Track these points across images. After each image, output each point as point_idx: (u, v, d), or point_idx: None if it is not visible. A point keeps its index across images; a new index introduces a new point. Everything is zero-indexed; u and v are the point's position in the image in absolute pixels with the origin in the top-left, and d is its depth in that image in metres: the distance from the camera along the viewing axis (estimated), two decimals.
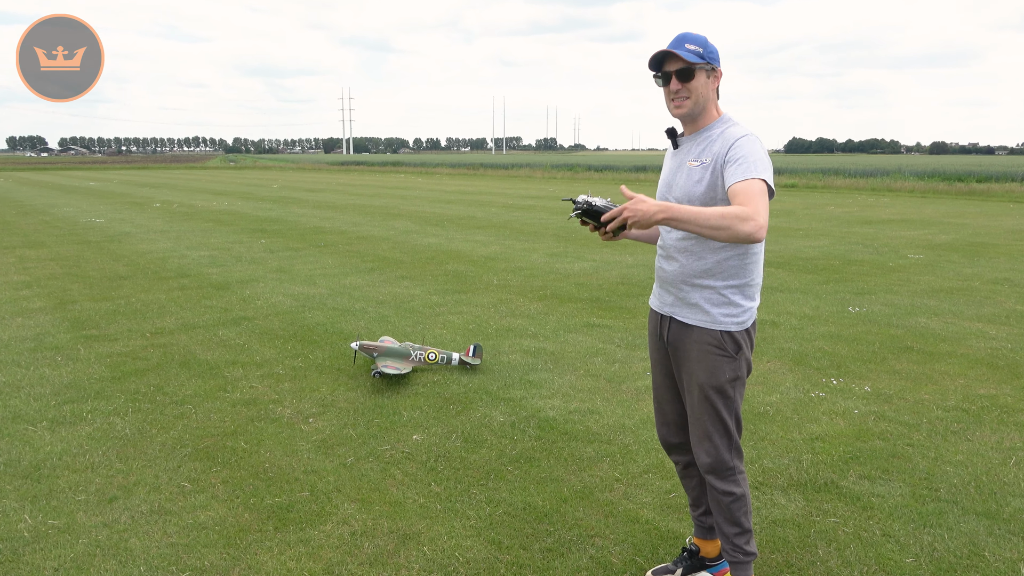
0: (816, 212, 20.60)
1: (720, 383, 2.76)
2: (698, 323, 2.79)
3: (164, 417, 4.92)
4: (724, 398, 2.78)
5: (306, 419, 4.89)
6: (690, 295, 2.79)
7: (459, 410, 5.05)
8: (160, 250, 12.96)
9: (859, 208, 22.10)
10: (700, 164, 2.70)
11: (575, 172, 49.70)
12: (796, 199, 26.08)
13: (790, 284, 9.56)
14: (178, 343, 6.76)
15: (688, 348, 2.83)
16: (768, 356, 6.31)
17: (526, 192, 31.15)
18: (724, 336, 2.75)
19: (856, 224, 17.26)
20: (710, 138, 2.72)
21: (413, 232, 15.85)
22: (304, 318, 7.71)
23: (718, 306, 2.75)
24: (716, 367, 2.76)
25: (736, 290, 2.75)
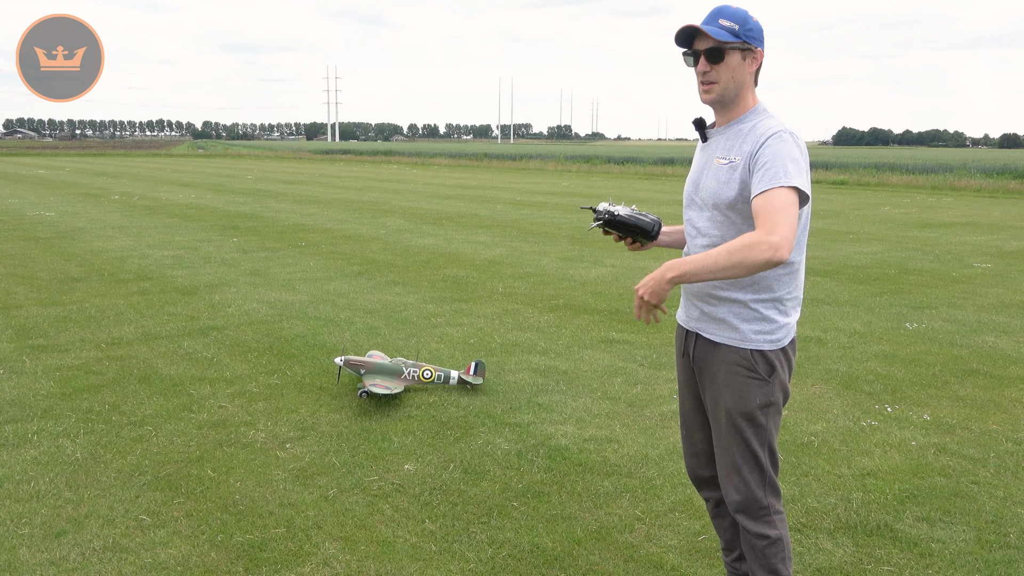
0: (869, 213, 20.57)
1: (750, 409, 2.76)
2: (726, 340, 2.79)
3: (120, 440, 4.92)
4: (755, 426, 2.78)
5: (282, 444, 4.89)
6: (717, 309, 2.79)
7: (458, 436, 5.05)
8: (118, 249, 13.01)
9: (918, 209, 22.06)
10: (728, 163, 2.69)
11: (592, 165, 49.77)
12: (846, 198, 26.06)
13: (838, 296, 9.54)
14: (137, 355, 6.78)
15: (714, 369, 2.83)
16: (813, 379, 6.29)
17: (536, 187, 31.19)
18: (755, 356, 2.74)
19: (914, 227, 17.24)
20: (740, 132, 2.71)
21: (407, 231, 15.88)
22: (281, 329, 7.73)
23: (748, 322, 2.75)
24: (745, 391, 2.75)
25: (769, 304, 2.74)
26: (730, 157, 2.68)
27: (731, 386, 2.77)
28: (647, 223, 2.90)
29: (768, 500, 2.84)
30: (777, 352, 2.76)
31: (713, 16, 2.69)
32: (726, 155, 2.70)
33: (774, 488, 2.85)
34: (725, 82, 2.68)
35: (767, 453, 2.82)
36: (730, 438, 2.81)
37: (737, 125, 2.73)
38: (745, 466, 2.81)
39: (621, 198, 23.46)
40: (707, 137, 2.86)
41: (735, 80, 2.68)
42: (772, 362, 2.75)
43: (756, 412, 2.76)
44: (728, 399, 2.78)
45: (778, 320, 2.75)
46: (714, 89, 2.70)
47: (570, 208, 21.15)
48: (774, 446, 2.84)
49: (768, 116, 2.70)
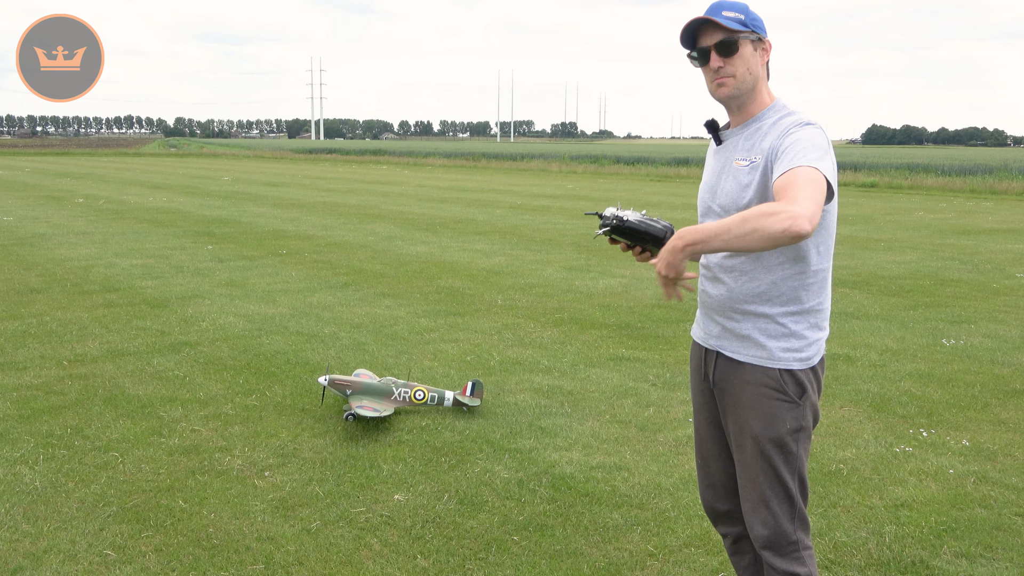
0: (901, 218, 20.61)
1: (780, 435, 2.75)
2: (751, 359, 2.78)
3: (84, 467, 4.91)
4: (785, 454, 2.77)
5: (261, 472, 4.88)
6: (741, 325, 2.79)
7: (453, 464, 5.04)
8: (82, 257, 13.02)
9: (955, 214, 22.10)
10: (749, 164, 2.69)
11: (600, 165, 49.87)
12: (876, 202, 26.10)
13: (869, 309, 9.55)
14: (102, 374, 6.78)
15: (738, 391, 2.82)
16: (841, 400, 6.29)
17: (539, 190, 31.25)
18: (784, 376, 2.74)
19: (951, 234, 17.26)
20: (760, 130, 2.72)
21: (397, 238, 15.90)
22: (260, 345, 7.73)
23: (776, 338, 2.74)
24: (775, 415, 2.75)
25: (799, 317, 2.74)
26: (750, 157, 2.69)
27: (758, 410, 2.76)
28: (659, 230, 2.88)
29: (797, 535, 2.83)
30: (807, 372, 2.76)
31: (715, 8, 2.71)
32: (746, 155, 2.71)
33: (804, 522, 2.84)
34: (741, 75, 2.70)
35: (797, 483, 2.81)
36: (757, 467, 2.79)
37: (756, 123, 2.75)
38: (774, 498, 2.80)
39: (632, 202, 23.50)
40: (722, 139, 2.87)
41: (751, 72, 2.71)
42: (802, 382, 2.75)
43: (786, 438, 2.75)
44: (756, 424, 2.77)
45: (808, 336, 2.75)
46: (730, 83, 2.71)
47: (575, 213, 21.17)
48: (804, 475, 2.83)
49: (790, 112, 2.71)
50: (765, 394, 2.75)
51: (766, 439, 2.76)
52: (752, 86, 2.73)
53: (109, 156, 72.24)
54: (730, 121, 2.86)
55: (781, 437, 2.75)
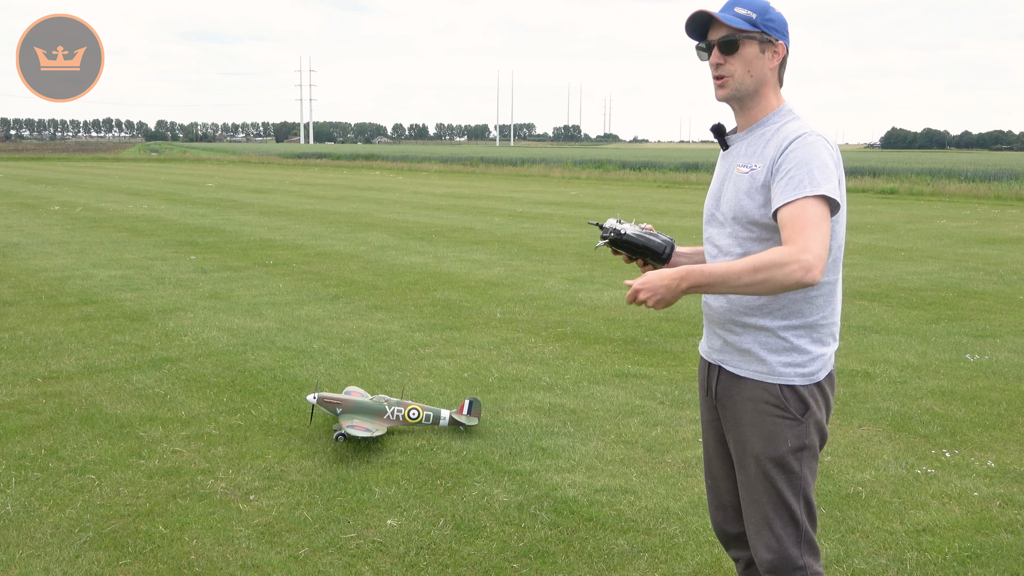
0: (923, 227, 20.63)
1: (780, 454, 2.77)
2: (751, 375, 2.81)
3: (58, 490, 4.91)
4: (787, 473, 2.78)
5: (246, 496, 4.88)
6: (741, 338, 2.83)
7: (449, 486, 5.04)
8: (58, 267, 13.03)
9: (979, 222, 22.12)
10: (749, 171, 2.73)
11: (604, 171, 49.96)
12: (896, 209, 26.14)
13: (889, 323, 9.55)
14: (79, 392, 6.78)
15: (739, 407, 2.85)
16: (860, 419, 6.29)
17: (540, 196, 31.29)
18: (785, 392, 2.76)
19: (975, 243, 17.28)
20: (763, 136, 2.76)
21: (391, 248, 15.91)
22: (245, 361, 7.73)
23: (777, 352, 2.77)
24: (775, 433, 2.77)
25: (801, 332, 2.77)
26: (751, 164, 2.73)
27: (758, 427, 2.79)
28: (658, 244, 2.94)
29: (804, 559, 2.83)
30: (811, 388, 2.78)
31: (730, 4, 2.75)
32: (747, 162, 2.75)
33: (811, 545, 2.85)
34: (740, 76, 2.73)
35: (802, 504, 2.82)
36: (759, 488, 2.81)
37: (759, 129, 2.78)
38: (777, 520, 2.81)
39: (638, 210, 23.54)
40: (727, 144, 2.90)
41: (752, 74, 2.74)
42: (805, 399, 2.77)
43: (788, 457, 2.77)
44: (756, 442, 2.79)
45: (811, 350, 2.78)
46: (727, 83, 2.75)
47: (579, 221, 21.19)
48: (810, 496, 2.84)
49: (794, 118, 2.74)
50: (765, 411, 2.78)
51: (767, 458, 2.78)
52: (753, 89, 2.76)
53: (87, 161, 72.33)
54: (736, 124, 2.90)
55: (782, 456, 2.77)
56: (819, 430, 2.83)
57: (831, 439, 5.82)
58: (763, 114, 2.79)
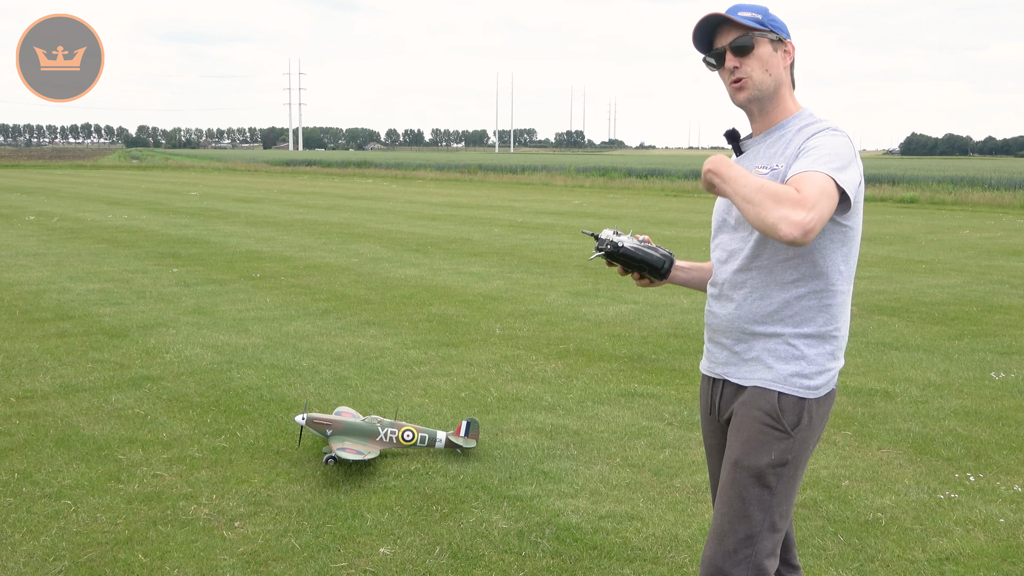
0: (944, 238, 20.66)
1: (760, 466, 2.76)
2: (754, 382, 2.82)
3: (32, 516, 4.90)
4: (761, 487, 2.77)
5: (230, 522, 4.87)
6: (750, 347, 2.84)
7: (445, 512, 5.03)
8: (32, 281, 13.04)
9: (1004, 232, 22.15)
10: (770, 171, 2.75)
11: (609, 179, 50.04)
12: (916, 219, 26.16)
13: (909, 339, 9.55)
14: (54, 412, 6.77)
15: (735, 413, 2.87)
16: (879, 441, 6.28)
17: (542, 206, 31.34)
18: (782, 402, 2.77)
19: (1000, 255, 17.30)
20: (784, 137, 2.79)
21: (384, 260, 15.92)
22: (230, 379, 7.73)
23: (785, 360, 2.78)
24: (760, 442, 2.76)
25: (815, 341, 2.78)
26: (772, 164, 2.76)
27: (744, 433, 2.80)
28: (656, 258, 2.93)
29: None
30: (811, 403, 2.79)
31: (732, 9, 2.81)
32: (767, 163, 2.78)
33: (759, 572, 2.79)
34: (759, 76, 2.78)
35: (767, 524, 2.78)
36: (727, 495, 2.80)
37: (778, 131, 2.82)
38: (731, 535, 2.78)
39: (646, 220, 23.57)
40: (742, 149, 2.93)
41: (770, 74, 2.78)
42: (800, 413, 2.77)
43: (767, 471, 2.76)
44: (737, 448, 2.80)
45: (821, 363, 2.79)
46: (747, 84, 2.79)
47: (582, 232, 21.19)
48: (777, 521, 2.80)
49: (816, 120, 2.79)
50: (756, 417, 2.78)
51: (744, 467, 2.77)
52: (773, 89, 2.80)
53: (64, 169, 72.44)
54: (752, 130, 2.92)
55: (761, 469, 2.76)
56: (807, 449, 2.82)
57: (849, 462, 5.82)
58: (782, 117, 2.83)
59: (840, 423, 6.62)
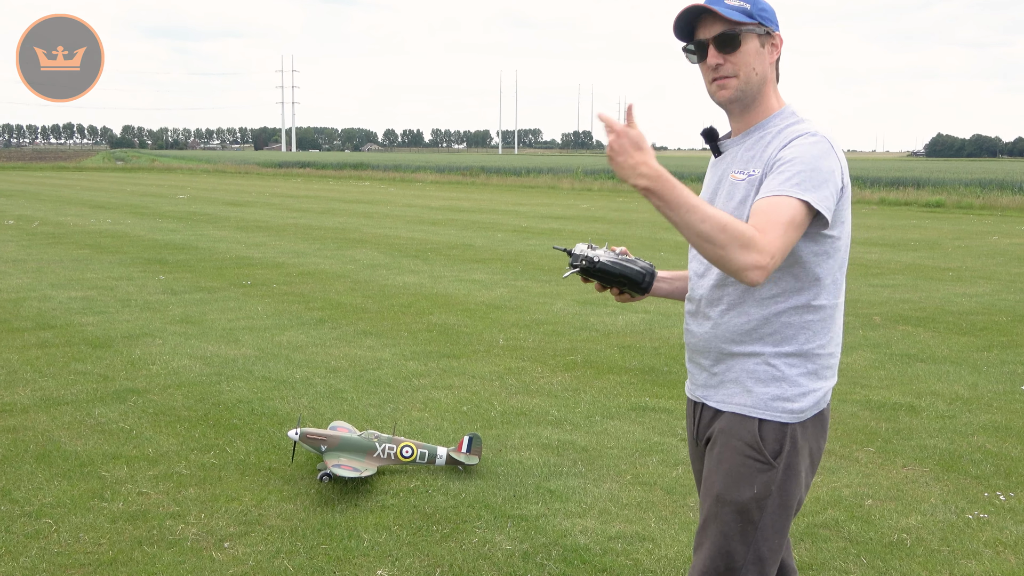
0: (973, 244, 20.64)
1: (742, 500, 2.71)
2: (732, 408, 2.78)
3: (11, 536, 4.90)
4: (744, 523, 2.72)
5: (220, 543, 4.87)
6: (729, 368, 2.79)
7: (446, 533, 5.03)
8: (12, 288, 13.06)
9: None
10: (746, 177, 2.70)
11: (618, 181, 49.92)
12: (943, 224, 26.15)
13: (935, 350, 9.54)
14: (34, 426, 6.78)
15: (713, 442, 2.83)
16: (904, 458, 6.27)
17: (547, 210, 31.36)
18: (763, 429, 2.71)
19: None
20: (763, 140, 2.73)
21: (381, 267, 15.94)
22: (220, 392, 7.74)
23: (764, 383, 2.73)
24: (740, 475, 2.72)
25: (795, 360, 2.73)
26: (749, 169, 2.71)
27: (724, 465, 2.75)
28: (635, 272, 2.86)
29: None
30: (795, 428, 2.72)
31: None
32: (744, 168, 2.73)
33: None
34: (746, 74, 2.71)
35: (751, 559, 2.74)
36: (708, 530, 2.77)
37: (758, 132, 2.77)
38: (712, 571, 2.75)
39: (657, 226, 23.56)
40: (720, 150, 2.89)
41: (757, 71, 2.72)
42: (783, 441, 2.71)
43: (751, 505, 2.71)
44: (717, 482, 2.76)
45: (803, 384, 2.73)
46: (731, 84, 2.73)
47: (588, 237, 21.20)
48: (765, 555, 2.75)
49: (799, 120, 2.73)
50: (736, 448, 2.74)
51: (726, 502, 2.73)
52: (758, 88, 2.75)
53: (45, 171, 72.65)
54: (731, 129, 2.88)
55: (744, 502, 2.71)
56: (795, 478, 2.75)
57: (872, 480, 5.81)
58: (763, 116, 2.78)
59: (863, 439, 6.62)
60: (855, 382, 8.15)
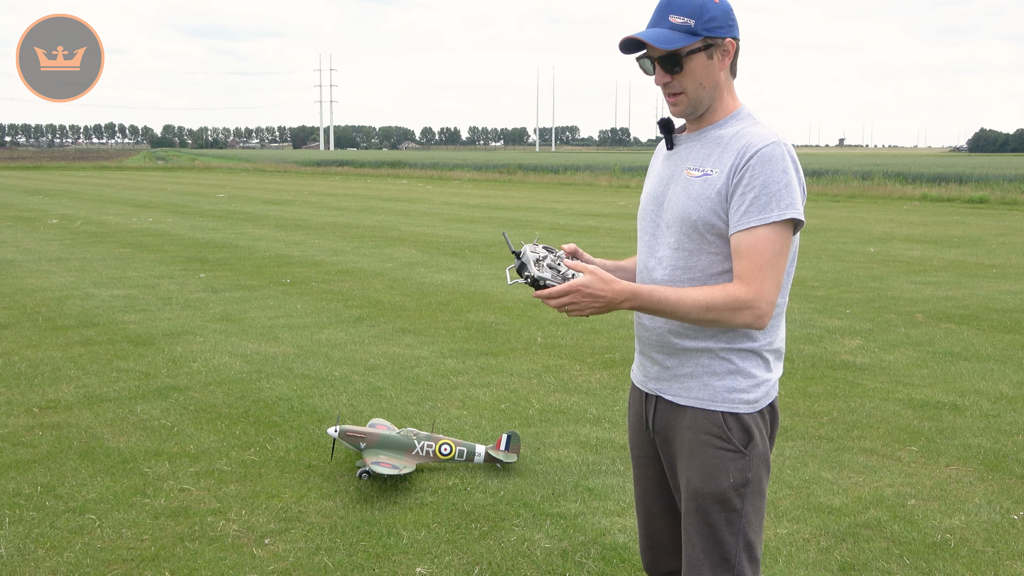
0: (1017, 240, 20.37)
1: (722, 490, 2.78)
2: (692, 402, 2.84)
3: (56, 532, 4.96)
4: (727, 511, 2.79)
5: (260, 539, 4.90)
6: (683, 363, 2.84)
7: (485, 531, 5.03)
8: (56, 287, 13.22)
9: None
10: (702, 175, 2.74)
11: None
12: (987, 220, 25.82)
13: (979, 349, 9.43)
14: (78, 423, 6.85)
15: (679, 439, 2.87)
16: (947, 458, 6.20)
17: (585, 207, 31.29)
18: (728, 421, 2.79)
19: None
20: (720, 140, 2.76)
21: (420, 265, 15.98)
22: (260, 390, 7.79)
23: (720, 377, 2.80)
24: (716, 467, 2.78)
25: (747, 354, 2.80)
26: (705, 168, 2.74)
27: (698, 460, 2.81)
28: None
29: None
30: (755, 416, 2.81)
31: (661, 13, 2.72)
32: (700, 165, 2.76)
33: None
34: (694, 91, 2.75)
35: (741, 545, 2.81)
36: (693, 526, 2.83)
37: (715, 131, 2.80)
38: (707, 562, 2.81)
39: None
40: (674, 143, 2.92)
41: (704, 86, 2.74)
42: (749, 429, 2.79)
43: (729, 493, 2.78)
44: (695, 477, 2.81)
45: (757, 375, 2.81)
46: (682, 101, 2.77)
47: (627, 234, 21.16)
48: (752, 538, 2.83)
49: (755, 123, 2.76)
50: (706, 442, 2.79)
51: (706, 494, 2.79)
52: (710, 98, 2.78)
53: (87, 170, 73.43)
54: (687, 126, 2.90)
55: (723, 492, 2.78)
56: (764, 463, 2.84)
57: (915, 480, 5.76)
58: (719, 116, 2.81)
59: (906, 438, 6.55)
60: (898, 380, 8.07)
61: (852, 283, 13.69)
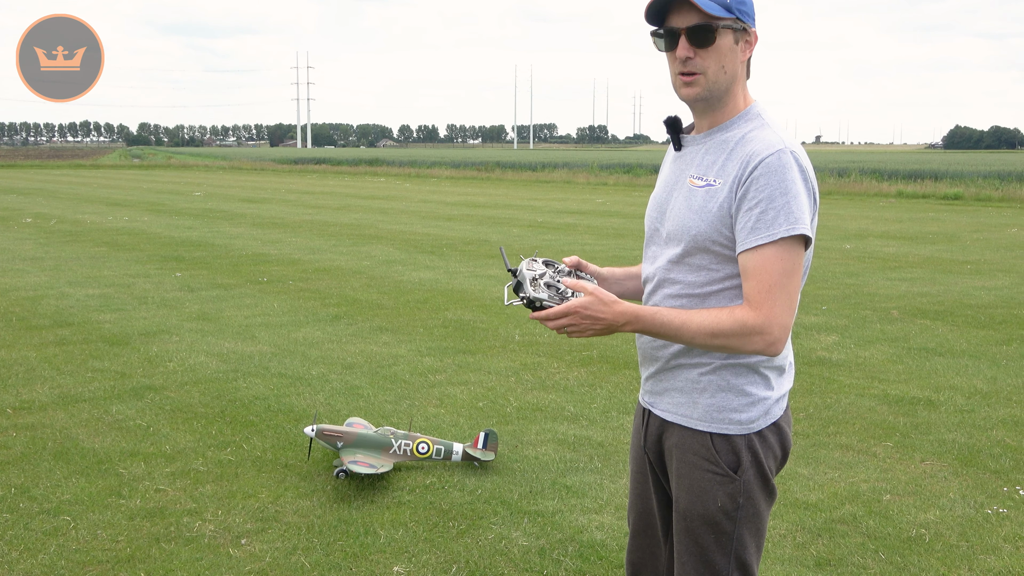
0: (991, 236, 20.52)
1: (710, 512, 2.65)
2: (678, 419, 2.72)
3: (30, 533, 4.93)
4: (716, 533, 2.67)
5: (237, 539, 4.89)
6: (674, 376, 2.73)
7: (462, 529, 5.03)
8: (30, 286, 13.13)
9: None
10: (705, 185, 2.59)
11: (635, 176, 49.99)
12: (961, 216, 26.01)
13: (954, 344, 9.50)
14: (53, 424, 6.81)
15: (668, 456, 2.78)
16: (922, 453, 6.24)
17: (563, 205, 31.33)
18: (716, 442, 2.65)
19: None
20: (726, 144, 2.61)
21: (397, 263, 15.96)
22: (236, 389, 7.76)
23: (708, 393, 2.66)
24: (703, 489, 2.66)
25: (743, 370, 2.65)
26: (708, 178, 2.60)
27: (686, 480, 2.70)
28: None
29: None
30: (748, 438, 2.65)
31: None
32: (704, 174, 2.62)
33: None
34: (714, 73, 2.57)
35: (734, 566, 2.69)
36: (683, 545, 2.73)
37: (722, 133, 2.64)
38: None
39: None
40: (681, 144, 2.77)
41: (726, 71, 2.58)
42: (739, 452, 2.64)
43: (719, 517, 2.66)
44: (683, 498, 2.71)
45: (752, 393, 2.65)
46: (699, 82, 2.58)
47: (606, 232, 21.20)
48: (748, 560, 2.71)
49: (762, 124, 2.61)
50: (693, 463, 2.68)
51: (695, 516, 2.68)
52: (726, 88, 2.60)
53: (62, 168, 72.92)
54: (695, 125, 2.76)
55: (712, 515, 2.66)
56: (762, 487, 2.69)
57: (891, 475, 5.79)
58: (728, 116, 2.64)
59: (881, 434, 6.59)
60: (873, 376, 8.12)
61: (828, 280, 13.76)
